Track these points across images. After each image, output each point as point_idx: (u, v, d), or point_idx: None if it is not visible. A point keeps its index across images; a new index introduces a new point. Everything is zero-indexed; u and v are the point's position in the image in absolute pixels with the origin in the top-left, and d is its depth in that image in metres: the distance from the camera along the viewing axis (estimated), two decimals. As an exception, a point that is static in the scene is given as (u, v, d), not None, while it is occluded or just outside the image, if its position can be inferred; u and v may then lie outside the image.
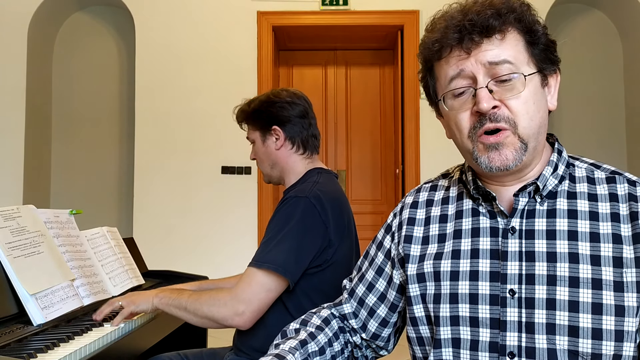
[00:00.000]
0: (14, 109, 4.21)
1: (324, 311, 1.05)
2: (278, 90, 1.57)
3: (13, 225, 1.33)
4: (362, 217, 4.48)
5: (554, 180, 0.89)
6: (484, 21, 0.84)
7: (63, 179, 4.63)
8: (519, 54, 0.86)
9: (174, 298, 1.35)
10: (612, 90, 4.57)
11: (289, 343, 0.94)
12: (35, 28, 4.34)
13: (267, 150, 1.55)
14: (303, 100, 1.56)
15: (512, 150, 0.85)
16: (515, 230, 0.88)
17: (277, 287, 1.32)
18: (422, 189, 1.05)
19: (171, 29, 4.33)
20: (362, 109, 4.93)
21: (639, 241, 0.82)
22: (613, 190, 0.87)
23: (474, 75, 0.85)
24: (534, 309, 0.83)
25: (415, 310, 0.95)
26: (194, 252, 4.20)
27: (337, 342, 1.02)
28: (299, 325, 1.01)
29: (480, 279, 0.88)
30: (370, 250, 1.08)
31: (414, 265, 0.96)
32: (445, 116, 0.92)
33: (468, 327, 0.88)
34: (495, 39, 0.85)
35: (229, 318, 1.29)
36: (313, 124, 1.57)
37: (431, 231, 0.97)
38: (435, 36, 0.88)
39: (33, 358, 1.04)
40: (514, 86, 0.85)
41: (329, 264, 1.38)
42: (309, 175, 1.51)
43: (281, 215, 1.37)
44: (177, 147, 4.29)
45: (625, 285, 0.81)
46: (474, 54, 0.85)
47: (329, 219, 1.38)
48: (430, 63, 0.92)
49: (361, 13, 4.34)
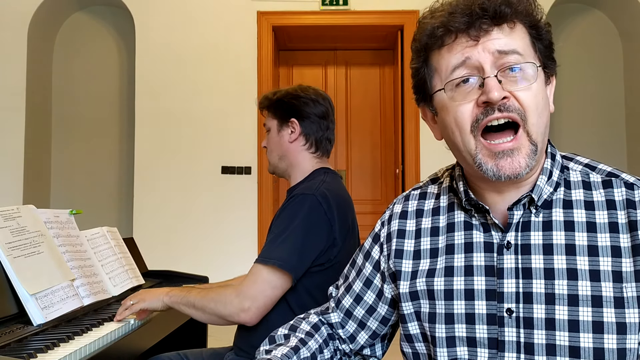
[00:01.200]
0: (14, 109, 4.21)
1: (312, 317, 1.03)
2: (306, 86, 1.58)
3: (13, 225, 1.33)
4: (362, 217, 4.46)
5: (549, 189, 0.84)
6: (497, 7, 0.78)
7: (63, 179, 4.63)
8: (527, 46, 0.81)
9: (182, 296, 1.38)
10: (612, 90, 4.57)
11: (281, 350, 0.92)
12: (35, 28, 4.34)
13: (280, 141, 1.56)
14: (327, 102, 1.57)
15: (524, 155, 0.79)
16: (511, 245, 0.83)
17: (283, 284, 1.32)
18: (410, 197, 0.99)
19: (171, 29, 4.33)
20: (362, 109, 4.93)
21: (638, 254, 0.78)
22: (610, 196, 0.82)
23: (480, 65, 0.79)
24: (532, 329, 0.80)
25: (410, 327, 0.91)
26: (193, 252, 4.20)
27: (327, 349, 1.00)
28: (287, 331, 0.98)
29: (476, 297, 0.84)
30: (357, 259, 1.03)
31: (406, 283, 0.92)
32: (443, 110, 0.84)
33: (465, 347, 0.85)
34: (506, 27, 0.79)
35: (235, 314, 1.31)
36: (331, 127, 1.58)
37: (422, 245, 0.93)
38: (438, 22, 0.81)
39: (33, 358, 1.04)
40: (525, 77, 0.79)
41: (332, 264, 1.38)
42: (316, 174, 1.51)
43: (288, 212, 1.38)
44: (177, 147, 4.29)
45: (625, 301, 0.77)
46: (482, 41, 0.79)
47: (335, 218, 1.38)
48: (427, 52, 0.85)
49: (361, 13, 4.35)
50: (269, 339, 0.98)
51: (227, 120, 4.29)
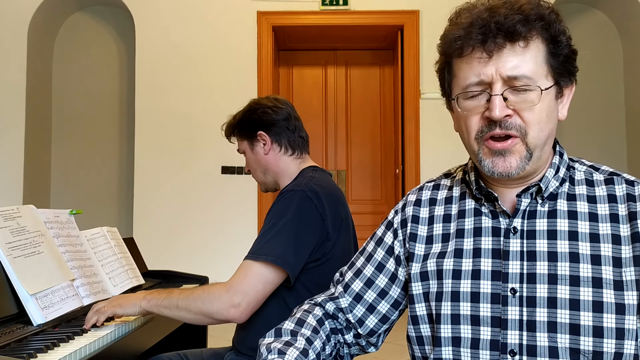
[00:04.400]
0: (14, 109, 4.22)
1: (317, 310, 1.03)
2: (259, 98, 1.61)
3: (13, 225, 1.33)
4: (362, 217, 4.48)
5: (555, 182, 0.90)
6: (511, 26, 0.83)
7: (63, 179, 4.63)
8: (538, 67, 0.85)
9: (163, 298, 1.31)
10: (612, 91, 4.57)
11: (291, 353, 0.90)
12: (35, 28, 4.34)
13: (257, 157, 1.57)
14: (285, 104, 1.58)
15: (517, 157, 0.86)
16: (517, 230, 0.89)
17: (275, 280, 1.30)
18: (424, 188, 1.05)
19: (171, 29, 4.33)
20: (362, 109, 4.93)
21: (636, 240, 0.84)
22: (612, 191, 0.88)
23: (491, 81, 0.85)
24: (535, 307, 0.84)
25: (417, 308, 0.95)
26: (193, 252, 4.20)
27: (329, 344, 1.01)
28: (294, 326, 0.98)
29: (482, 277, 0.89)
30: (367, 247, 1.07)
31: (417, 264, 0.97)
32: (456, 114, 0.93)
33: (469, 325, 0.89)
34: (518, 45, 0.84)
35: (224, 310, 1.26)
36: (299, 126, 1.58)
37: (435, 231, 0.98)
38: (459, 33, 0.87)
39: (33, 358, 1.04)
40: (530, 98, 0.85)
41: (328, 258, 1.38)
42: (304, 172, 1.52)
43: (277, 208, 1.36)
44: (177, 147, 4.29)
45: (624, 284, 0.82)
46: (495, 57, 0.84)
47: (326, 212, 1.38)
48: (450, 58, 0.91)
49: (361, 13, 4.35)
50: (275, 331, 0.98)
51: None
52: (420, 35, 4.33)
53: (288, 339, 0.95)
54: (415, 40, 4.32)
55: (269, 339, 0.96)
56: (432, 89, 4.22)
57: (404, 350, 1.17)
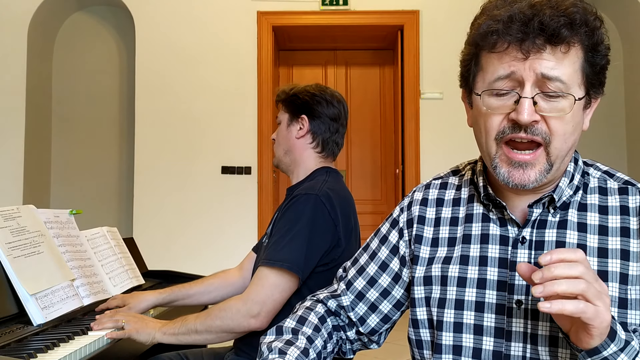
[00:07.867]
0: (14, 109, 4.21)
1: (319, 307, 1.03)
2: (325, 87, 1.58)
3: (13, 225, 1.33)
4: (362, 217, 4.44)
5: (569, 191, 0.87)
6: (556, 29, 0.77)
7: (63, 179, 4.63)
8: (574, 73, 0.80)
9: (179, 326, 1.31)
10: (612, 90, 4.57)
11: (292, 353, 0.90)
12: (35, 28, 4.34)
13: (287, 135, 1.55)
14: (342, 106, 1.56)
15: (537, 170, 0.82)
16: (526, 241, 0.86)
17: (291, 286, 1.31)
18: (431, 186, 1.02)
19: (171, 29, 4.33)
20: (362, 109, 4.93)
21: None
22: (625, 202, 0.85)
23: (522, 80, 0.79)
24: (538, 320, 0.83)
25: (418, 312, 0.94)
26: (193, 252, 4.20)
27: (330, 342, 1.00)
28: (295, 324, 0.98)
29: (487, 287, 0.88)
30: (371, 244, 1.05)
31: (422, 268, 0.95)
32: (476, 110, 0.87)
33: (471, 335, 0.87)
34: (559, 50, 0.78)
35: (245, 322, 1.27)
36: (341, 131, 1.57)
37: (441, 233, 0.96)
38: (496, 27, 0.80)
39: (33, 358, 1.04)
40: (561, 106, 0.80)
41: (336, 264, 1.37)
42: (317, 173, 1.51)
43: (291, 212, 1.36)
44: (177, 147, 4.29)
45: (628, 303, 0.80)
46: (532, 58, 0.78)
47: (339, 218, 1.37)
48: (479, 49, 0.85)
49: (361, 13, 4.34)
50: (277, 329, 0.97)
51: (227, 120, 4.29)
52: (421, 35, 4.33)
53: (289, 337, 0.94)
54: (416, 40, 4.32)
55: (270, 337, 0.96)
56: (432, 89, 4.22)
57: (404, 350, 1.17)
